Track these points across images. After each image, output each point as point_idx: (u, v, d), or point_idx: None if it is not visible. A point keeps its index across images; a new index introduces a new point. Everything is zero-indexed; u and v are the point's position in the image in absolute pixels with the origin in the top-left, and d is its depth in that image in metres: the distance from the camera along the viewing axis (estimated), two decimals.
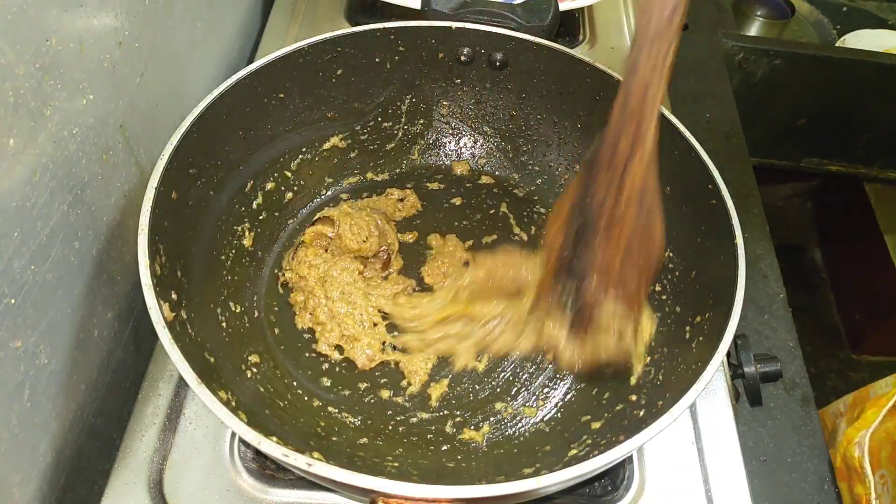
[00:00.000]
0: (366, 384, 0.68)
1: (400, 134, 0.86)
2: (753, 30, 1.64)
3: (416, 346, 0.70)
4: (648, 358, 0.65)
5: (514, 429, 0.66)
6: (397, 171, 0.87)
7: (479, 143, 0.88)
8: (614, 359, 0.63)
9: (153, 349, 0.70)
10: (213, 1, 0.88)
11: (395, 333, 0.71)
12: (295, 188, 0.80)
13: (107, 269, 0.67)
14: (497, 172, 0.88)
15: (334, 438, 0.64)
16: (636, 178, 0.56)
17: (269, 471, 0.63)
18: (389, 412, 0.67)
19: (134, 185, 0.70)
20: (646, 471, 0.65)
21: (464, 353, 0.70)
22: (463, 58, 0.80)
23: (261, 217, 0.76)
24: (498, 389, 0.69)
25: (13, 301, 0.52)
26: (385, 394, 0.68)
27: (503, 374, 0.70)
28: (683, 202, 0.70)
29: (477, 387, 0.69)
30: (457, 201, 0.85)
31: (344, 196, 0.83)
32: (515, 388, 0.69)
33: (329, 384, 0.68)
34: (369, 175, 0.85)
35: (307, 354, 0.70)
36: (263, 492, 0.61)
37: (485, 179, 0.87)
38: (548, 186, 0.85)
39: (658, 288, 0.71)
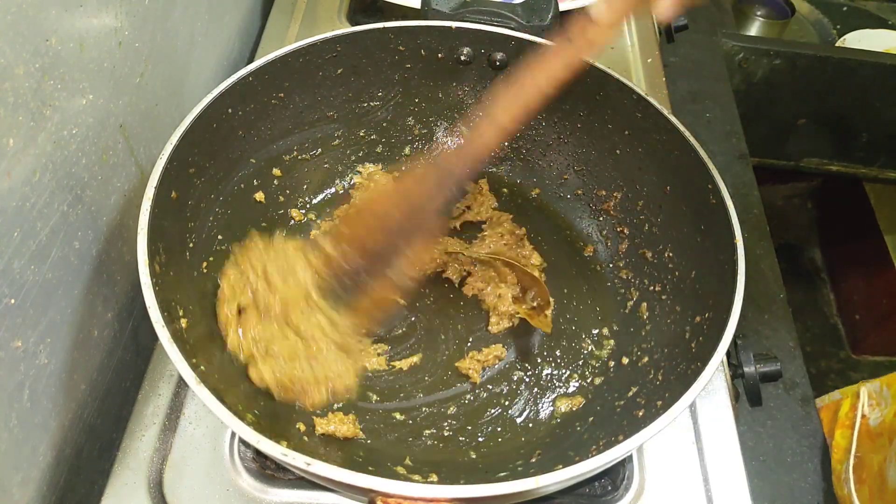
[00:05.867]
0: None
1: (400, 134, 0.86)
2: (753, 30, 1.64)
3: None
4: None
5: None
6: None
7: None
8: None
9: (153, 349, 0.70)
10: (212, 1, 0.88)
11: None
12: (295, 188, 0.80)
13: (107, 269, 0.67)
14: (497, 172, 0.88)
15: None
16: None
17: (269, 471, 0.63)
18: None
19: (134, 185, 0.70)
20: (646, 471, 0.65)
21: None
22: (463, 58, 0.79)
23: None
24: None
25: (13, 301, 0.52)
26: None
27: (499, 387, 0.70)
28: (683, 202, 0.70)
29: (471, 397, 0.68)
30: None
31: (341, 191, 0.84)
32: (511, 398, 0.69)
33: None
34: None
35: None
36: (263, 492, 0.61)
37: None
38: (547, 186, 0.85)
39: (658, 288, 0.71)
